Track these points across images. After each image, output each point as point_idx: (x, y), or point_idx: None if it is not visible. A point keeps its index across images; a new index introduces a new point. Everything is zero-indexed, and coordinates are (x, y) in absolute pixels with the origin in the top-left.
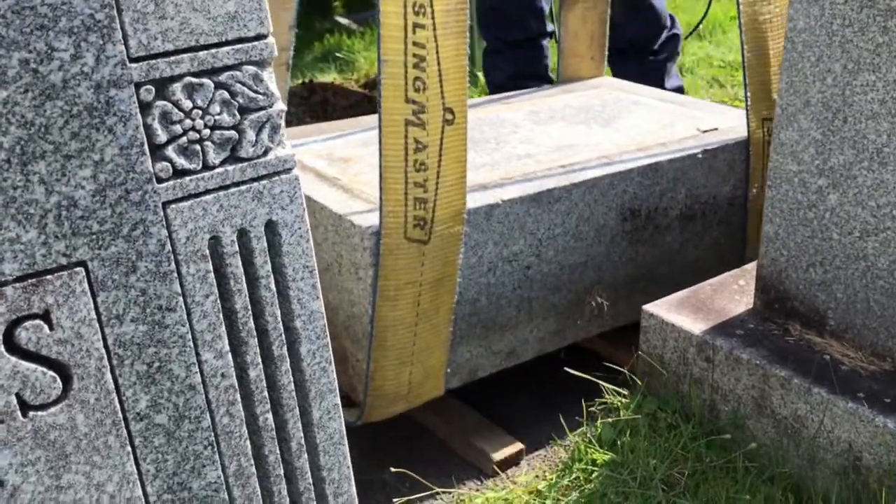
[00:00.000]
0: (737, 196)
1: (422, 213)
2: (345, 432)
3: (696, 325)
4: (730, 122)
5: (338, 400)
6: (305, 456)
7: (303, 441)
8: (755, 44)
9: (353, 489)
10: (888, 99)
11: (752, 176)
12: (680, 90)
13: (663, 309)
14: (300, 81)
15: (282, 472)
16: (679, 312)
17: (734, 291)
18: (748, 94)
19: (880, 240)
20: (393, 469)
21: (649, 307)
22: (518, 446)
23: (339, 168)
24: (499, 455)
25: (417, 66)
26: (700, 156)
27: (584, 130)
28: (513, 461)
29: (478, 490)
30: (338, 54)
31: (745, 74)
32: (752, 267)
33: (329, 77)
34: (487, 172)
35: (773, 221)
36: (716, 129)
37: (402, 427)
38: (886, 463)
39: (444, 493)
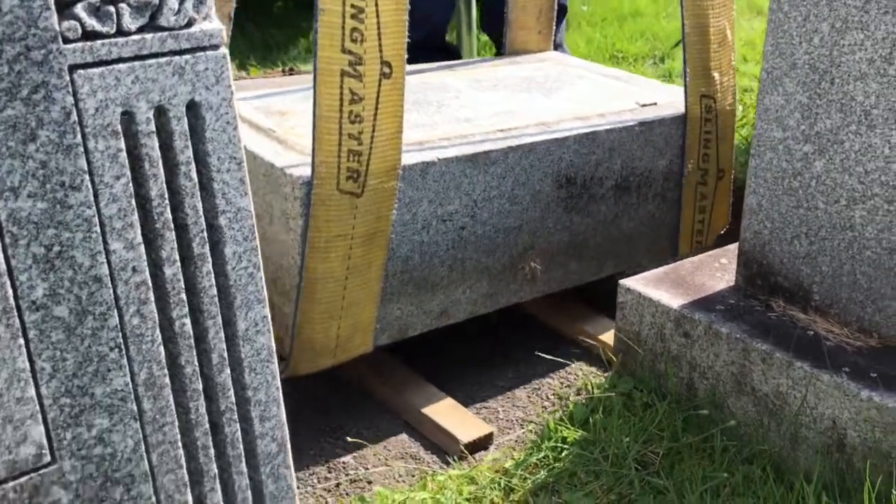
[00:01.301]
0: (672, 171)
1: (355, 165)
2: (274, 350)
3: (674, 300)
4: (669, 98)
5: (267, 312)
6: (228, 371)
7: (225, 354)
8: (696, 21)
9: (283, 414)
10: (876, 58)
11: (689, 151)
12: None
13: (641, 284)
14: (281, 69)
15: (200, 386)
16: (657, 287)
17: (715, 269)
18: (687, 70)
19: (868, 207)
20: (349, 439)
21: (626, 281)
22: (487, 429)
23: (275, 121)
24: (466, 437)
25: (355, 17)
26: (637, 128)
27: (526, 98)
28: (482, 445)
29: (441, 469)
30: None
31: (685, 51)
32: (734, 247)
33: (310, 68)
34: (426, 132)
35: (757, 192)
36: (654, 103)
37: (359, 403)
38: (871, 440)
39: (405, 467)
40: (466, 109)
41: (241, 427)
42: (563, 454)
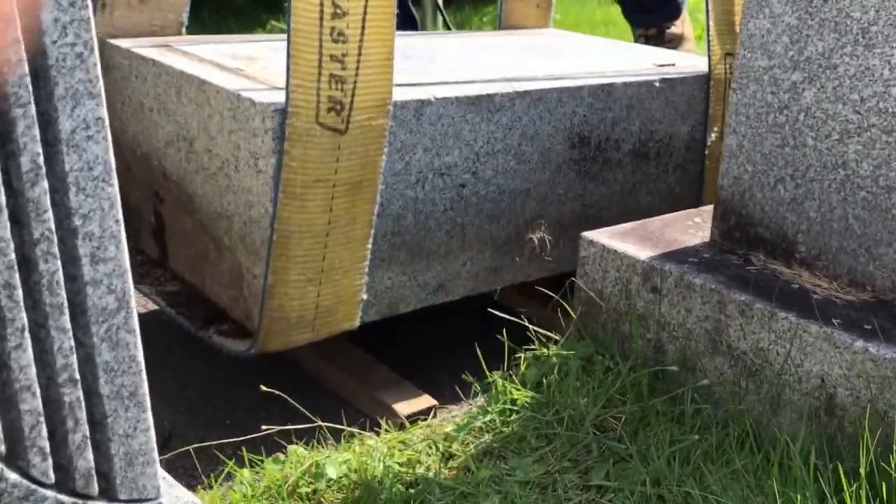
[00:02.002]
0: (695, 140)
1: (338, 94)
2: (113, 167)
3: (642, 253)
4: (690, 63)
5: (103, 115)
6: (44, 185)
7: (41, 160)
8: None
9: (126, 260)
10: None
11: (713, 118)
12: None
13: (605, 236)
14: None
15: (2, 200)
16: (623, 241)
17: (688, 226)
18: (710, 24)
19: (863, 140)
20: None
21: (589, 234)
22: (430, 401)
23: (243, 62)
24: (407, 409)
25: None
26: (657, 84)
27: (530, 58)
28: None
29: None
30: None
31: (708, 3)
32: (709, 208)
33: None
34: (419, 78)
35: (738, 131)
36: (673, 64)
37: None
38: (865, 399)
39: (331, 429)
40: (464, 62)
41: (65, 268)
42: (512, 417)
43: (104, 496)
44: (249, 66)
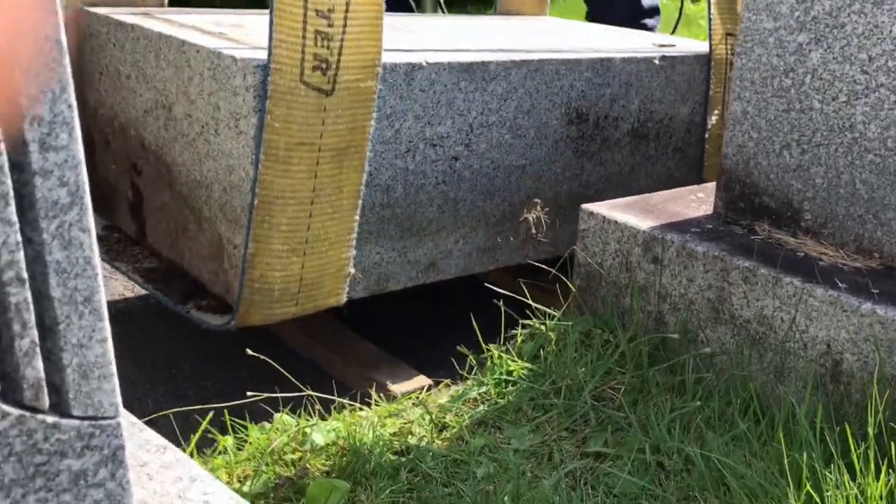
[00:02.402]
0: (695, 122)
1: (324, 51)
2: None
3: (643, 223)
4: (690, 44)
5: None
6: None
7: None
8: None
9: (79, 150)
10: None
11: (713, 100)
12: (655, 10)
13: (605, 208)
14: None
15: None
16: (624, 212)
17: (691, 201)
18: (711, 3)
19: (871, 101)
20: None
21: (589, 206)
22: (423, 381)
23: (226, 28)
24: (401, 389)
25: None
26: (657, 62)
27: (529, 37)
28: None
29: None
30: None
31: None
32: (713, 184)
33: None
34: (412, 45)
35: (742, 97)
36: (674, 45)
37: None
38: (873, 364)
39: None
40: (462, 36)
41: (10, 153)
42: (508, 388)
43: (55, 411)
44: (233, 31)
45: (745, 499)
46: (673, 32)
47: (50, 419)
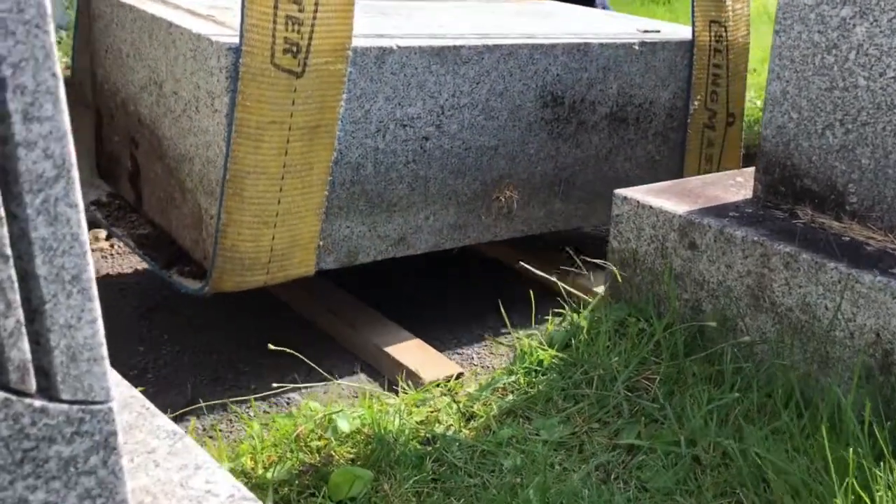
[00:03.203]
0: (677, 108)
1: (295, 35)
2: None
3: (680, 208)
4: (674, 30)
5: None
6: None
7: None
8: None
9: (66, 123)
10: None
11: (696, 86)
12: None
13: (640, 192)
14: None
15: None
16: (659, 197)
17: (730, 185)
18: None
19: None
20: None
21: (623, 191)
22: (456, 368)
23: (217, 11)
24: (431, 376)
25: None
26: (637, 48)
27: (514, 19)
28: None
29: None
30: None
31: None
32: (751, 169)
33: None
34: (389, 30)
35: (781, 77)
36: (658, 31)
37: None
38: None
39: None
40: (442, 20)
41: None
42: (538, 378)
43: (43, 394)
44: (223, 14)
45: (787, 496)
46: None
47: (37, 403)
